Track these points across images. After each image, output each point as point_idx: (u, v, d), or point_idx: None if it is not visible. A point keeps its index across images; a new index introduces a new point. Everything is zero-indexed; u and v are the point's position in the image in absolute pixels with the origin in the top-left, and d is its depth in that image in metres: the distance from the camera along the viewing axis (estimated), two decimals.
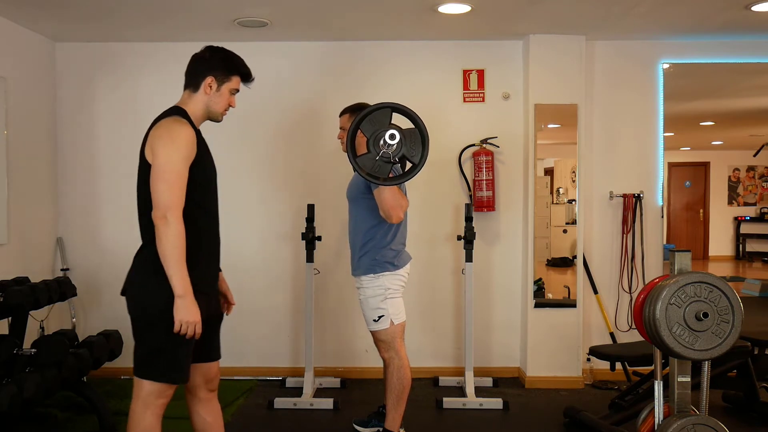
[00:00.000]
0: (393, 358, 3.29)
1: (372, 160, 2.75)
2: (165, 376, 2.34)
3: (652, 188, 4.74)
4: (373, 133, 2.73)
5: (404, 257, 3.39)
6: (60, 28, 4.38)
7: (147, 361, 2.34)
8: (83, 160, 4.75)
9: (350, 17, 4.15)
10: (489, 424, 3.89)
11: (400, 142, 2.73)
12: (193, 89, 2.44)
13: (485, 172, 4.59)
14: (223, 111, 2.49)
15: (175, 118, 2.36)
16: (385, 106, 2.78)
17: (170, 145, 2.27)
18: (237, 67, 2.47)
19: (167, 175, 2.24)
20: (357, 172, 2.81)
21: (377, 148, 2.74)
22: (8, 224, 4.13)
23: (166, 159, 2.25)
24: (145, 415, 2.35)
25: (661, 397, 2.74)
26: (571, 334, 4.55)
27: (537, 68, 4.52)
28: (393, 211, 3.10)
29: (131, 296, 2.37)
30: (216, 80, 2.42)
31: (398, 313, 3.30)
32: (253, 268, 4.66)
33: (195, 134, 2.36)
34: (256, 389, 4.48)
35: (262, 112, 4.72)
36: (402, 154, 2.74)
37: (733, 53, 4.67)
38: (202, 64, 2.44)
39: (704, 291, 2.53)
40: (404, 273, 3.36)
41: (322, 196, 4.62)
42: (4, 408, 2.94)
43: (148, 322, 2.33)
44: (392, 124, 2.75)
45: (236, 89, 2.49)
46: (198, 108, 2.44)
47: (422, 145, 2.75)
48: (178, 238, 2.23)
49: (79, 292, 4.27)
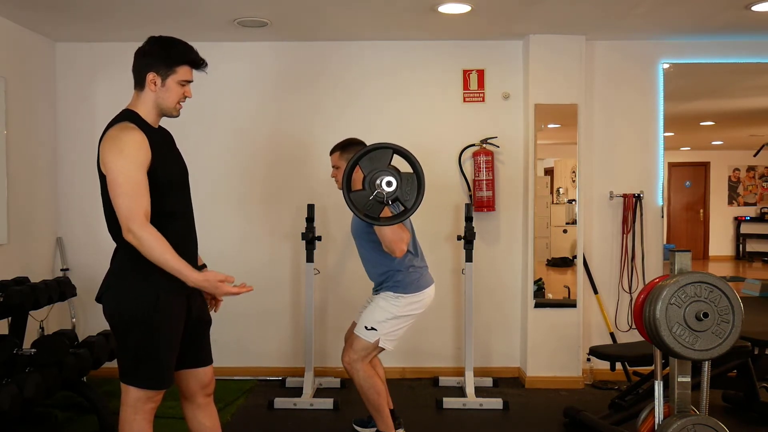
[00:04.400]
0: (355, 369, 3.26)
1: (366, 198, 2.74)
2: (149, 381, 2.27)
3: (652, 188, 4.74)
4: (371, 171, 2.73)
5: (427, 278, 3.38)
6: (60, 28, 4.38)
7: (130, 366, 2.28)
8: (83, 159, 4.74)
9: (350, 17, 4.15)
10: (489, 424, 3.89)
11: (396, 188, 2.72)
12: (140, 88, 2.33)
13: (485, 172, 4.59)
14: (174, 105, 2.34)
15: (122, 125, 2.25)
16: (387, 146, 2.78)
17: (118, 155, 2.17)
18: (180, 56, 2.30)
19: (123, 187, 2.16)
20: (349, 208, 2.80)
21: (372, 187, 2.74)
22: (8, 224, 4.13)
23: (118, 170, 2.17)
24: (135, 421, 2.29)
25: (661, 397, 2.74)
26: (571, 334, 4.55)
27: (537, 68, 4.52)
28: (394, 245, 3.11)
29: (107, 302, 2.30)
30: (158, 75, 2.29)
31: (389, 341, 3.28)
32: (253, 268, 4.66)
33: (145, 137, 2.23)
34: (256, 389, 4.48)
35: (262, 112, 4.72)
36: (396, 197, 2.74)
37: (733, 53, 4.67)
38: (143, 60, 2.31)
39: (704, 291, 2.53)
40: (426, 296, 3.34)
41: (322, 196, 4.62)
42: (4, 408, 2.94)
43: (125, 328, 2.27)
44: (391, 166, 2.75)
45: (186, 80, 2.33)
46: (148, 107, 2.32)
47: (418, 191, 2.75)
48: (154, 242, 2.15)
49: (79, 292, 4.26)
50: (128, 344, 2.27)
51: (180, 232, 2.35)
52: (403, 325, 3.31)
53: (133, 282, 2.24)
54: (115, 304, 2.27)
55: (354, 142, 3.43)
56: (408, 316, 3.30)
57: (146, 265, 2.20)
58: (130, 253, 2.22)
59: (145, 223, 2.16)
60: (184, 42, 2.33)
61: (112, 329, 2.32)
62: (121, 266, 2.30)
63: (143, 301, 2.22)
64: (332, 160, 3.48)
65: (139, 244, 2.16)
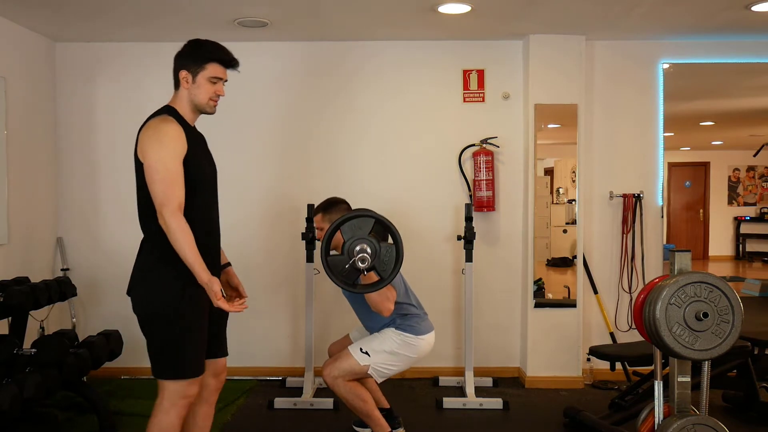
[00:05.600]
0: (336, 384, 3.22)
1: (343, 264, 2.76)
2: (182, 370, 2.35)
3: (652, 188, 4.74)
4: (351, 238, 2.76)
5: (427, 324, 3.38)
6: (60, 28, 4.37)
7: (161, 360, 2.37)
8: (83, 159, 4.75)
9: (350, 17, 4.15)
10: (489, 424, 3.89)
11: (374, 258, 2.73)
12: (176, 87, 2.46)
13: (485, 172, 4.59)
14: (207, 101, 2.45)
15: (162, 117, 2.38)
16: (369, 215, 2.80)
17: (157, 144, 2.29)
18: (209, 54, 2.43)
19: (160, 174, 2.27)
20: (326, 273, 2.80)
21: (351, 254, 2.74)
22: (8, 224, 4.13)
23: (156, 158, 2.28)
24: (169, 414, 2.36)
25: (661, 397, 2.74)
26: (571, 334, 4.55)
27: (537, 68, 4.52)
28: (381, 306, 3.13)
29: (135, 296, 2.40)
30: (189, 72, 2.42)
31: (377, 372, 3.26)
32: (253, 267, 4.66)
33: (183, 131, 2.36)
34: (256, 389, 4.48)
35: (262, 112, 4.72)
36: (373, 266, 2.74)
37: (733, 53, 4.67)
38: (177, 60, 2.45)
39: (704, 291, 2.53)
40: (424, 342, 3.33)
41: (322, 196, 4.61)
42: (4, 408, 2.94)
43: (152, 320, 2.36)
44: (372, 234, 2.76)
45: (216, 77, 2.44)
46: (184, 104, 2.45)
47: (395, 262, 2.78)
48: (180, 231, 2.25)
49: (79, 292, 4.27)
50: (157, 336, 2.36)
51: (202, 225, 2.42)
52: (395, 363, 3.29)
53: (160, 274, 2.33)
54: (142, 297, 2.37)
55: (336, 202, 3.51)
56: (402, 356, 3.29)
57: (172, 258, 2.29)
58: (156, 245, 2.33)
59: (178, 212, 2.27)
60: (214, 42, 2.48)
61: (140, 324, 2.40)
62: (146, 260, 2.38)
63: (169, 292, 2.31)
64: (315, 222, 3.56)
65: (167, 230, 2.26)
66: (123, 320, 4.60)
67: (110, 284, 4.65)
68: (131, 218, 2.44)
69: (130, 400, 4.12)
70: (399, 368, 3.33)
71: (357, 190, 4.70)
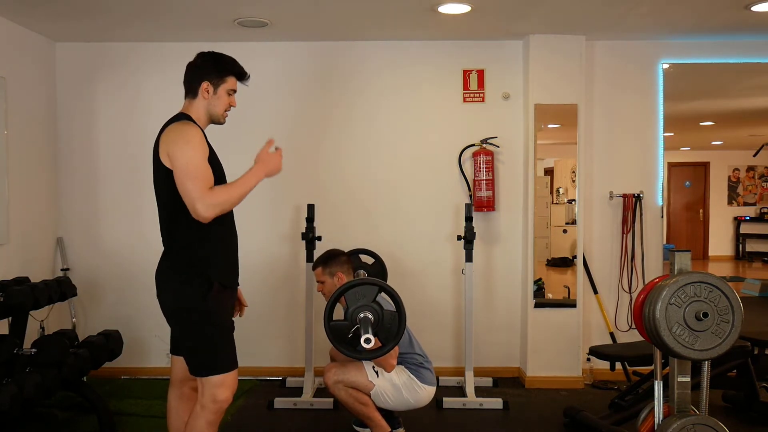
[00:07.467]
0: (337, 389, 3.28)
1: (345, 329, 2.78)
2: (220, 367, 2.45)
3: (652, 188, 4.74)
4: (355, 306, 2.77)
5: (431, 377, 3.42)
6: (60, 28, 4.37)
7: (198, 358, 2.45)
8: (83, 160, 4.74)
9: (350, 17, 4.15)
10: (489, 424, 3.89)
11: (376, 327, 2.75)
12: (192, 96, 2.54)
13: (485, 172, 4.59)
14: (223, 112, 2.59)
15: (184, 121, 2.46)
16: (374, 283, 2.82)
17: (186, 145, 2.36)
18: (229, 67, 2.57)
19: (194, 172, 2.33)
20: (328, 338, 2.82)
21: (354, 322, 2.76)
22: (8, 224, 4.13)
23: (187, 159, 2.34)
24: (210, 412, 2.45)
25: (661, 397, 2.74)
26: (571, 334, 4.55)
27: (537, 68, 4.52)
28: (384, 363, 3.22)
29: (163, 301, 2.47)
30: (211, 84, 2.52)
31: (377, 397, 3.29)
32: (253, 267, 4.65)
33: (204, 134, 2.47)
34: (256, 389, 4.48)
35: (262, 112, 4.72)
36: (376, 333, 2.76)
37: (733, 53, 4.67)
38: (197, 71, 2.54)
39: (704, 291, 2.53)
40: (424, 392, 3.37)
41: (322, 196, 4.62)
42: (4, 408, 2.94)
43: (183, 318, 2.44)
44: (375, 302, 2.78)
45: (233, 89, 2.59)
46: (200, 113, 2.54)
47: (398, 330, 2.81)
48: (223, 194, 2.35)
49: (79, 292, 4.27)
50: (190, 337, 2.45)
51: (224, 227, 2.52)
52: (393, 398, 3.31)
53: (183, 279, 2.42)
54: (171, 302, 2.45)
55: (334, 254, 3.55)
56: (402, 396, 3.31)
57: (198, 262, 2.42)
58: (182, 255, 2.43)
59: (209, 192, 2.33)
60: (229, 56, 2.61)
61: (170, 325, 2.51)
62: (171, 267, 2.46)
63: (197, 291, 2.40)
64: (316, 275, 3.58)
65: (220, 207, 2.34)
66: (123, 320, 4.62)
67: (110, 284, 4.64)
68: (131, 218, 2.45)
69: (130, 400, 4.12)
70: (393, 405, 3.35)
71: (357, 190, 4.70)
